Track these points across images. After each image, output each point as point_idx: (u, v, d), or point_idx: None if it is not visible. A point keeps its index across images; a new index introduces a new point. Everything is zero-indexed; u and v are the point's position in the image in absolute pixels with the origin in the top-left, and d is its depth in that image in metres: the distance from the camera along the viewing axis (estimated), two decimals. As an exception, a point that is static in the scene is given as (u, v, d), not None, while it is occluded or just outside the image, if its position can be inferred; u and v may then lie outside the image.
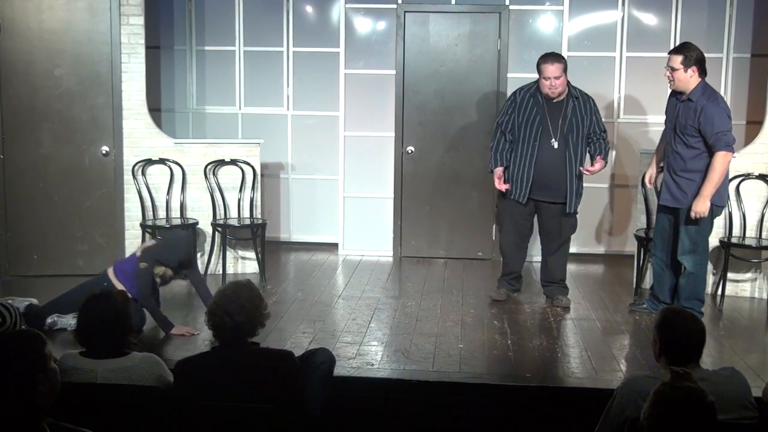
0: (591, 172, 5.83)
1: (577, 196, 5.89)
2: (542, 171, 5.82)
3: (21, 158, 6.55)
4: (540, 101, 5.82)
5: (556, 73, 5.70)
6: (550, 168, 5.80)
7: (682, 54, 5.35)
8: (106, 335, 3.34)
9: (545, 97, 5.79)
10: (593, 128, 5.83)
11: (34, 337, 2.69)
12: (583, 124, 5.81)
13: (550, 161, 5.80)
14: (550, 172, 5.81)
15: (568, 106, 5.81)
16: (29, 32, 6.48)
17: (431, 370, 4.65)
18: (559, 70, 5.71)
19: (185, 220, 6.72)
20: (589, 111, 5.84)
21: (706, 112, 5.26)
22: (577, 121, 5.80)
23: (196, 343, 5.01)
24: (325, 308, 5.92)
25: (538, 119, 5.81)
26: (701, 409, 2.46)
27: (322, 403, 3.63)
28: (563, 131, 5.78)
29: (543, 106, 5.81)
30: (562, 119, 5.79)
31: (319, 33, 7.77)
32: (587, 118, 5.82)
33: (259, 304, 3.43)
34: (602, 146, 5.85)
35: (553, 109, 5.81)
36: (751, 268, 6.34)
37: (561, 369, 4.73)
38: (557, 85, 5.72)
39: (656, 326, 3.26)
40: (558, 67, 5.71)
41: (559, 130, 5.78)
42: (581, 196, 5.97)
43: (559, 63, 5.73)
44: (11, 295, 5.71)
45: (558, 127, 5.78)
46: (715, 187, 5.33)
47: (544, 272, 6.14)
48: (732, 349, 5.11)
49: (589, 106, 5.85)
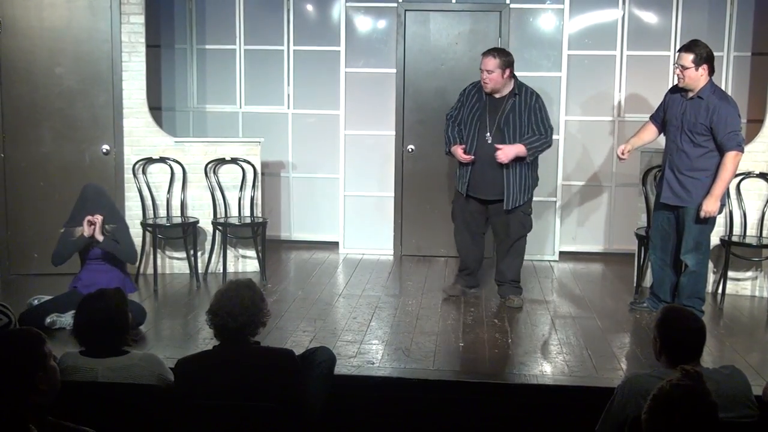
0: (500, 148, 5.70)
1: (519, 192, 5.81)
2: (479, 166, 5.85)
3: (22, 157, 6.55)
4: (483, 97, 5.87)
5: (488, 67, 5.74)
6: (485, 163, 5.81)
7: (693, 52, 5.33)
8: (104, 334, 3.34)
9: (488, 93, 5.83)
10: (532, 126, 5.76)
11: (34, 336, 2.69)
12: (521, 120, 5.77)
13: (485, 156, 5.81)
14: (486, 168, 5.82)
15: (508, 102, 5.80)
16: (30, 30, 6.48)
17: (432, 369, 4.65)
18: (492, 64, 5.72)
19: (186, 219, 6.72)
20: (529, 108, 5.78)
21: (720, 112, 5.25)
22: (514, 117, 5.77)
23: (196, 341, 5.01)
24: (325, 307, 5.92)
25: (478, 114, 5.86)
26: (702, 408, 2.46)
27: (323, 402, 3.63)
28: (499, 126, 5.78)
29: (485, 101, 5.86)
30: (499, 114, 5.79)
31: (320, 31, 7.77)
32: (525, 115, 5.77)
33: (261, 303, 3.43)
34: (533, 138, 5.74)
35: (493, 104, 5.83)
36: (752, 267, 6.34)
37: (562, 367, 4.72)
38: (489, 79, 5.75)
39: (657, 325, 3.26)
40: (491, 62, 5.73)
41: (495, 125, 5.79)
42: (526, 194, 5.86)
43: (494, 58, 5.74)
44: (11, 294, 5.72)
45: (495, 122, 5.79)
46: (726, 186, 5.34)
47: (496, 271, 6.14)
48: (732, 347, 5.11)
49: (530, 103, 5.79)
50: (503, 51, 5.90)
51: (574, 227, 7.75)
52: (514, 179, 5.78)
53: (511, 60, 5.82)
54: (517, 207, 5.85)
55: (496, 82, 5.77)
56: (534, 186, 5.98)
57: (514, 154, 5.69)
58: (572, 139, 7.62)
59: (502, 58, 5.75)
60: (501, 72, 5.74)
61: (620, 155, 5.77)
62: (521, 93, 5.81)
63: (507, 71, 5.77)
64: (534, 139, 5.74)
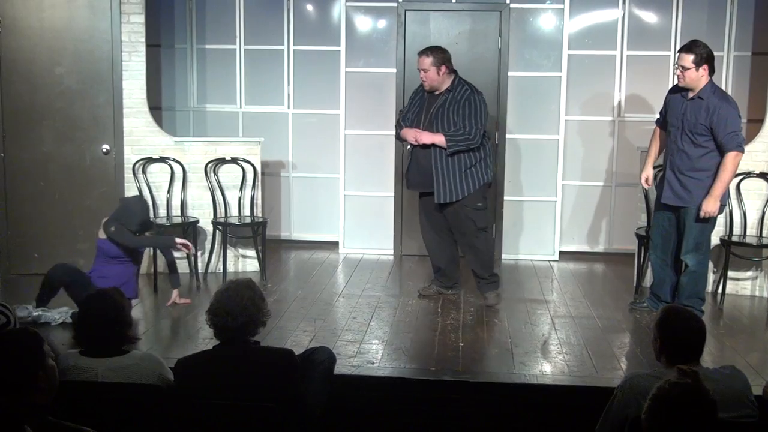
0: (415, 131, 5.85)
1: (452, 186, 5.81)
2: (414, 161, 5.98)
3: (22, 156, 6.56)
4: (424, 95, 5.98)
5: (422, 66, 5.84)
6: (418, 157, 5.93)
7: (693, 53, 5.33)
8: (104, 334, 3.34)
9: (428, 91, 5.94)
10: (460, 122, 5.78)
11: (33, 335, 2.70)
12: (449, 115, 5.81)
13: (418, 151, 5.91)
14: (420, 162, 5.92)
15: (441, 98, 5.87)
16: (30, 30, 6.48)
17: (432, 369, 4.65)
18: (426, 63, 5.82)
19: (186, 219, 6.72)
20: (458, 104, 5.80)
21: (720, 112, 5.25)
22: (444, 111, 5.82)
23: (196, 341, 5.01)
24: (325, 307, 5.92)
25: (417, 111, 5.98)
26: (701, 406, 2.46)
27: (323, 402, 3.64)
28: (430, 120, 5.85)
29: (425, 98, 5.97)
30: (433, 110, 5.87)
31: (320, 31, 7.77)
32: (454, 110, 5.81)
33: (261, 303, 3.43)
34: (455, 131, 5.77)
35: (431, 101, 5.93)
36: (752, 267, 6.34)
37: (562, 367, 4.72)
38: (426, 77, 5.85)
39: (657, 325, 3.26)
40: (425, 60, 5.83)
41: (427, 121, 5.87)
42: (465, 188, 5.82)
43: (427, 56, 5.84)
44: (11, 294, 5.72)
45: (427, 117, 5.88)
46: (726, 187, 5.34)
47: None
48: (732, 347, 5.11)
49: (461, 99, 5.81)
50: (437, 48, 5.96)
51: (574, 227, 7.75)
52: (442, 172, 5.80)
53: (445, 57, 5.88)
54: (454, 201, 5.84)
55: (433, 80, 5.85)
56: (478, 182, 5.88)
57: (429, 139, 5.78)
58: (572, 139, 7.62)
59: (435, 56, 5.84)
60: (436, 69, 5.82)
61: (645, 185, 5.86)
62: (455, 89, 5.86)
63: (442, 68, 5.84)
64: (455, 132, 5.78)
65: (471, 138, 5.75)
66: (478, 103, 5.82)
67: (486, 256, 6.00)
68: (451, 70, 5.89)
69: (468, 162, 5.81)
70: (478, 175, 5.86)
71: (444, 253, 6.14)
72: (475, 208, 5.88)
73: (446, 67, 5.85)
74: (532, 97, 7.51)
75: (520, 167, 7.58)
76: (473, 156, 5.83)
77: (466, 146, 5.77)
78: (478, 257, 5.96)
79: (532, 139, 7.55)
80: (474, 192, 5.84)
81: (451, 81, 5.87)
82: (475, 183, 5.85)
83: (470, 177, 5.83)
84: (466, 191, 5.82)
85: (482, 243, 5.97)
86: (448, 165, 5.78)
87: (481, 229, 5.93)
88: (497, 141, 7.48)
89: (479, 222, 5.91)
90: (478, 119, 5.78)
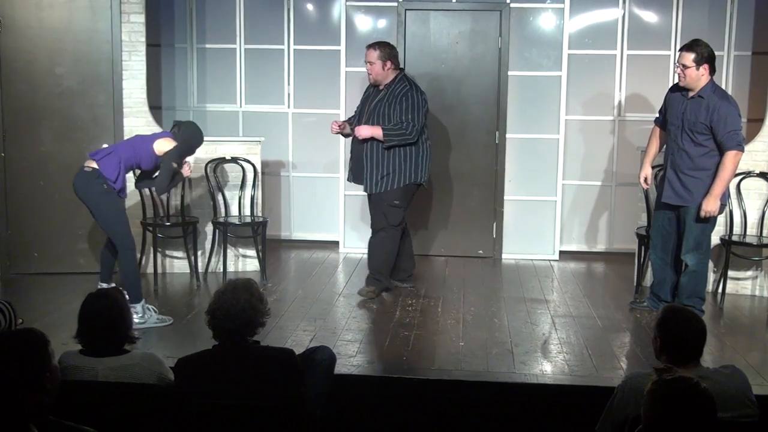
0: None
1: (379, 178, 5.94)
2: (353, 153, 6.14)
3: (22, 156, 6.55)
4: (371, 90, 6.11)
5: (368, 58, 5.98)
6: (355, 150, 6.07)
7: (694, 52, 5.33)
8: (105, 333, 3.34)
9: (374, 85, 6.06)
10: (397, 116, 5.88)
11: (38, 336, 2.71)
12: (386, 109, 5.91)
13: (356, 143, 6.04)
14: (356, 154, 6.06)
15: (381, 93, 5.97)
16: (30, 30, 6.48)
17: (432, 368, 4.65)
18: (372, 56, 5.95)
19: (186, 218, 6.72)
20: (395, 98, 5.89)
21: (720, 111, 5.25)
22: (382, 104, 5.93)
23: (196, 341, 5.01)
24: (325, 306, 5.92)
25: (361, 107, 6.13)
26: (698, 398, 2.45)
27: (323, 401, 3.64)
28: (369, 115, 5.96)
29: (370, 93, 6.09)
30: (372, 104, 5.97)
31: (320, 31, 7.77)
32: (391, 107, 5.90)
33: (258, 305, 3.40)
34: (391, 125, 5.86)
35: (375, 95, 6.04)
36: (752, 266, 6.34)
37: (562, 367, 4.72)
38: (370, 70, 5.99)
39: (657, 324, 3.26)
40: (372, 53, 5.96)
41: (366, 115, 5.98)
42: (390, 182, 5.94)
43: (374, 50, 5.96)
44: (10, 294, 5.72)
45: (366, 112, 6.00)
46: (726, 186, 5.33)
47: None
48: (733, 347, 5.11)
49: (398, 94, 5.90)
50: (385, 44, 6.05)
51: (574, 227, 7.76)
52: (371, 162, 5.94)
53: (392, 53, 5.99)
54: (379, 193, 5.96)
55: (377, 73, 5.97)
56: (406, 180, 5.96)
57: (369, 133, 5.89)
58: (573, 138, 7.62)
59: (382, 50, 5.95)
60: (381, 63, 5.93)
61: (644, 185, 5.87)
62: (394, 85, 5.94)
63: (387, 63, 5.94)
64: (393, 126, 5.87)
65: (407, 133, 5.86)
66: (415, 99, 5.91)
67: (384, 256, 6.11)
68: (396, 67, 6.01)
69: (400, 158, 5.93)
70: (406, 173, 5.96)
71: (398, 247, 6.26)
72: (391, 205, 6.00)
73: (391, 62, 5.96)
74: (533, 97, 7.51)
75: (521, 167, 7.58)
76: (407, 153, 5.94)
77: (402, 141, 5.89)
78: (375, 252, 6.11)
79: (532, 139, 7.54)
80: (397, 189, 5.96)
81: (394, 77, 5.97)
82: (401, 181, 5.96)
83: (398, 174, 5.95)
84: (390, 186, 5.94)
85: (386, 240, 6.09)
86: (379, 158, 5.92)
87: (390, 226, 6.05)
88: (497, 140, 7.49)
89: (391, 218, 6.04)
90: (414, 115, 5.87)
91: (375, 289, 6.10)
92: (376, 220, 6.10)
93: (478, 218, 7.61)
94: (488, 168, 7.55)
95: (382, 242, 6.08)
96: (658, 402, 2.47)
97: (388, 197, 5.97)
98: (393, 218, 6.04)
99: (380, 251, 6.09)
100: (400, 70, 6.05)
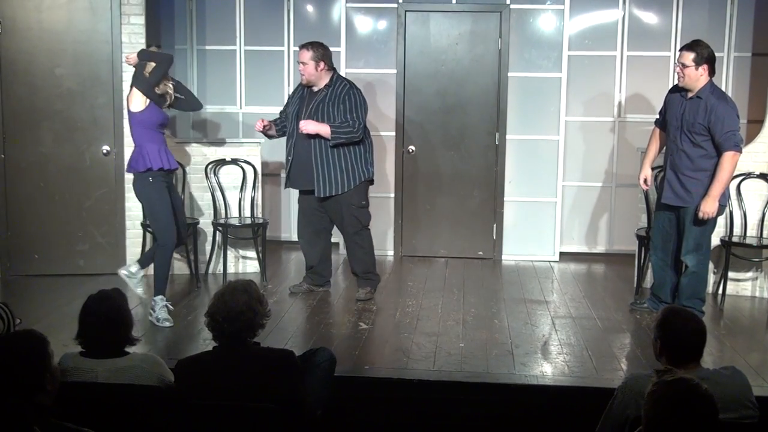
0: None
1: (333, 180, 5.87)
2: (295, 158, 5.98)
3: (22, 158, 6.55)
4: (304, 91, 6.01)
5: (302, 58, 5.90)
6: (299, 153, 5.94)
7: (694, 51, 5.33)
8: (106, 335, 3.34)
9: (307, 86, 5.98)
10: (343, 116, 5.83)
11: (38, 337, 2.71)
12: (330, 110, 5.85)
13: (299, 147, 5.93)
14: (300, 158, 5.94)
15: (321, 93, 5.91)
16: (29, 32, 6.48)
17: (432, 370, 4.65)
18: (305, 56, 5.88)
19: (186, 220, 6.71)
20: (338, 98, 5.85)
21: (717, 111, 5.25)
22: (324, 106, 5.86)
23: (197, 342, 5.01)
24: (325, 307, 5.92)
25: (296, 108, 6.00)
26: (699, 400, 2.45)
27: (323, 403, 3.64)
28: (309, 115, 5.87)
29: (305, 95, 6.00)
30: (312, 105, 5.90)
31: (320, 32, 7.74)
32: (335, 105, 5.85)
33: (258, 307, 3.39)
34: (339, 123, 5.81)
35: (311, 97, 5.96)
36: (752, 267, 6.34)
37: (562, 368, 4.72)
38: (303, 71, 5.91)
39: (657, 325, 3.26)
40: (305, 54, 5.89)
41: (306, 116, 5.88)
42: (345, 183, 5.88)
43: (307, 50, 5.89)
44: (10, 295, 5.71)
45: (307, 112, 5.90)
46: (724, 187, 5.33)
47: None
48: (733, 348, 5.11)
49: (341, 94, 5.86)
50: (318, 44, 5.98)
51: (574, 228, 7.76)
52: (322, 165, 5.85)
53: (325, 54, 5.92)
54: (335, 196, 5.90)
55: (310, 74, 5.90)
56: (360, 178, 5.94)
57: (315, 129, 5.78)
58: (573, 139, 7.62)
59: (315, 51, 5.89)
60: (315, 64, 5.87)
61: (644, 187, 5.86)
62: (334, 85, 5.90)
63: (321, 64, 5.88)
64: (340, 124, 5.82)
65: (354, 131, 5.84)
66: (357, 97, 5.90)
67: (367, 256, 6.11)
68: (330, 68, 5.96)
69: (348, 157, 5.89)
70: (359, 170, 5.94)
71: (317, 251, 6.23)
72: (360, 206, 5.99)
73: (325, 63, 5.91)
74: (533, 98, 7.51)
75: (521, 168, 7.58)
76: (353, 151, 5.91)
77: (350, 139, 5.86)
78: (360, 254, 6.08)
79: (532, 140, 7.55)
80: (356, 188, 5.94)
81: (329, 78, 5.93)
82: (356, 178, 5.92)
83: (351, 172, 5.91)
84: (347, 186, 5.91)
85: (365, 240, 6.09)
86: (328, 158, 5.85)
87: (365, 227, 6.05)
88: (497, 142, 7.49)
89: (363, 220, 6.04)
90: (359, 113, 5.87)
91: (371, 289, 6.11)
92: (347, 225, 6.01)
93: (478, 219, 7.61)
94: (488, 169, 7.55)
95: (361, 244, 6.07)
96: (658, 403, 2.47)
97: (354, 200, 5.94)
98: (365, 219, 6.06)
99: (361, 253, 6.08)
100: (333, 71, 5.99)
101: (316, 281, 6.27)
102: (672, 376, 2.54)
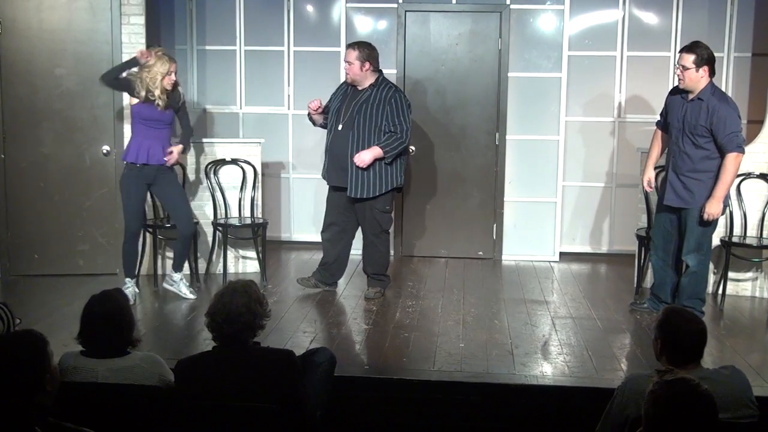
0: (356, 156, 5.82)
1: (366, 183, 5.88)
2: (332, 154, 6.01)
3: (22, 158, 6.55)
4: (348, 89, 6.03)
5: (348, 58, 5.93)
6: (336, 151, 5.97)
7: (694, 53, 5.33)
8: (107, 335, 3.34)
9: (351, 85, 6.00)
10: (387, 119, 5.84)
11: (38, 337, 2.71)
12: (372, 111, 5.85)
13: (337, 144, 5.96)
14: (337, 155, 5.96)
15: (365, 94, 5.91)
16: (30, 32, 6.48)
17: (432, 370, 4.65)
18: (352, 56, 5.91)
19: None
20: (383, 101, 5.86)
21: (719, 113, 5.25)
22: (367, 107, 5.87)
23: (197, 342, 5.01)
24: (325, 308, 5.92)
25: (338, 104, 6.03)
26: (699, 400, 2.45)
27: (323, 403, 3.64)
28: (351, 114, 5.89)
29: (348, 93, 6.02)
30: (354, 104, 5.90)
31: (320, 32, 7.77)
32: (378, 108, 5.85)
33: (257, 308, 3.39)
34: (389, 140, 5.84)
35: (353, 95, 5.97)
36: (752, 268, 6.34)
37: (562, 368, 4.72)
38: (348, 70, 5.94)
39: (657, 326, 3.26)
40: (351, 54, 5.92)
41: (348, 114, 5.90)
42: (377, 188, 5.90)
43: (354, 50, 5.92)
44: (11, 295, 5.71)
45: (348, 111, 5.91)
46: (728, 188, 5.33)
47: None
48: (733, 348, 5.11)
49: (385, 96, 5.87)
50: (365, 44, 6.00)
51: (574, 228, 7.76)
52: (359, 168, 5.85)
53: (372, 54, 5.94)
54: (365, 199, 5.92)
55: (355, 74, 5.92)
56: (391, 184, 5.96)
57: (371, 158, 5.81)
58: (573, 139, 7.62)
59: (361, 51, 5.91)
60: (360, 64, 5.89)
61: (647, 188, 5.85)
62: (378, 86, 5.92)
63: (366, 64, 5.90)
64: (390, 140, 5.84)
65: (403, 139, 5.88)
66: (402, 102, 5.92)
67: (382, 258, 6.18)
68: (375, 69, 5.97)
69: (386, 163, 5.89)
70: (391, 177, 5.96)
71: (336, 249, 6.24)
72: (383, 211, 6.02)
73: (370, 63, 5.92)
74: (533, 98, 7.51)
75: (521, 168, 7.58)
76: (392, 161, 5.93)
77: (401, 149, 5.91)
78: (372, 256, 6.12)
79: (532, 140, 7.55)
80: (385, 194, 5.96)
81: (375, 79, 5.95)
82: (388, 185, 5.95)
83: (385, 177, 5.92)
84: (378, 191, 5.91)
85: (382, 244, 6.14)
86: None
87: (384, 231, 6.10)
88: (497, 142, 7.49)
89: (384, 224, 6.08)
90: (405, 118, 5.89)
91: (381, 289, 6.14)
92: (369, 226, 6.05)
93: (478, 219, 7.61)
94: (488, 169, 7.55)
95: (378, 246, 6.10)
96: (658, 403, 2.47)
97: (379, 204, 5.97)
98: (386, 224, 6.10)
99: (377, 254, 6.12)
100: (379, 72, 6.00)
101: (326, 279, 6.28)
102: (672, 376, 2.54)
